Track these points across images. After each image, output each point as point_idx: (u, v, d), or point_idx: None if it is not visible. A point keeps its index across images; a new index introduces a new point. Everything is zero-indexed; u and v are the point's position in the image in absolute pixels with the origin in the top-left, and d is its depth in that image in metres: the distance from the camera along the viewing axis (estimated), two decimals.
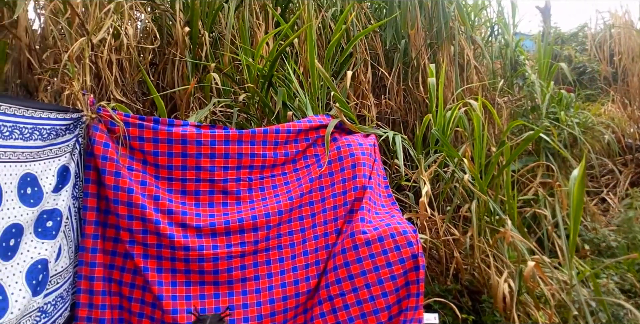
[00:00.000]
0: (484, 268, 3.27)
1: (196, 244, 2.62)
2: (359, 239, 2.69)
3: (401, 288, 2.66)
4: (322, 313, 2.70)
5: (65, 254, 2.48)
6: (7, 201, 2.07)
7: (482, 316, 3.24)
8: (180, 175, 2.71)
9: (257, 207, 2.80)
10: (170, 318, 2.53)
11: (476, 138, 3.34)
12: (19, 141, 2.15)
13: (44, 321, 2.35)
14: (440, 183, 3.76)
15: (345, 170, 2.89)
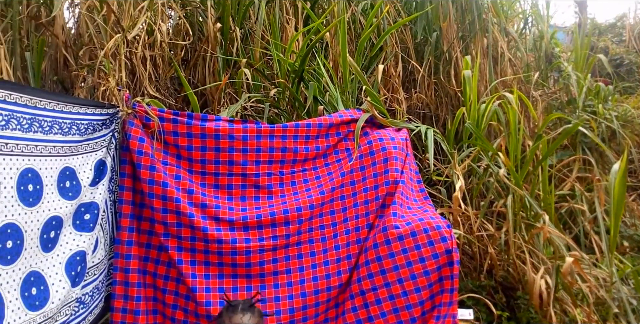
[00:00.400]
0: (519, 264, 3.20)
1: (229, 237, 2.64)
2: (391, 234, 2.67)
3: (434, 283, 2.63)
4: (354, 307, 2.69)
5: (101, 247, 2.53)
6: (47, 194, 2.13)
7: (517, 313, 3.17)
8: (214, 169, 2.74)
9: (288, 201, 2.81)
10: (203, 309, 2.56)
11: (512, 132, 3.26)
12: (58, 135, 2.21)
13: (81, 311, 2.41)
14: (473, 178, 3.70)
15: (377, 164, 2.87)
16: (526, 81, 5.08)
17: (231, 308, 1.97)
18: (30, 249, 2.02)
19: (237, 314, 1.93)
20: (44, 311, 2.05)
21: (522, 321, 3.14)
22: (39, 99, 2.10)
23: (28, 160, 2.02)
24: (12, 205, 1.92)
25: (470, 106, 3.47)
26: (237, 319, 1.91)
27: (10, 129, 1.93)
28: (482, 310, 3.17)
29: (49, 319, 2.09)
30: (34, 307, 2.01)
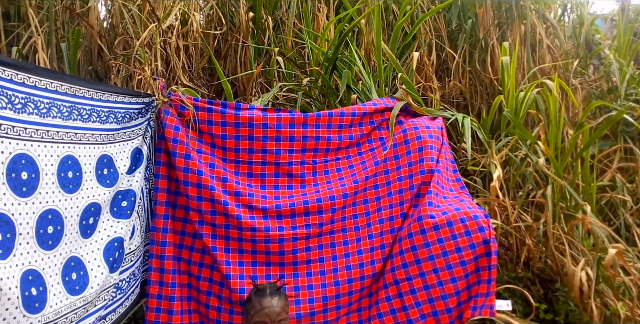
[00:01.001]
0: (558, 256, 3.11)
1: (262, 225, 2.64)
2: (426, 224, 2.62)
3: (471, 273, 2.58)
4: (387, 297, 2.67)
5: (138, 234, 2.57)
6: (86, 181, 2.16)
7: (555, 305, 3.09)
8: (247, 158, 2.74)
9: (321, 190, 2.79)
10: (237, 296, 2.58)
11: (552, 120, 3.16)
12: (96, 123, 2.24)
13: (119, 296, 2.45)
14: (510, 168, 3.60)
15: (412, 153, 2.82)
16: (565, 69, 4.91)
17: (259, 292, 2.04)
18: (70, 234, 2.06)
19: (266, 297, 2.01)
20: (83, 296, 2.09)
21: (560, 313, 3.06)
22: (78, 88, 2.13)
23: (68, 147, 2.06)
24: (52, 191, 1.96)
25: (508, 94, 3.37)
26: (266, 302, 1.99)
27: (52, 117, 1.97)
28: (519, 302, 3.10)
29: (88, 303, 2.13)
30: (74, 291, 2.05)
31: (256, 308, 2.01)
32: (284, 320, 2.01)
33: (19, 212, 1.79)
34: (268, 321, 1.98)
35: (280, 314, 2.00)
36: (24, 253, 1.81)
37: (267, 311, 1.98)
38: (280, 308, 2.01)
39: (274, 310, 1.99)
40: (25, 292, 1.78)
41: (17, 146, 1.79)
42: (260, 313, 1.99)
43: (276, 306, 2.00)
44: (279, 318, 2.00)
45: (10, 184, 1.75)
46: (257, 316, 1.99)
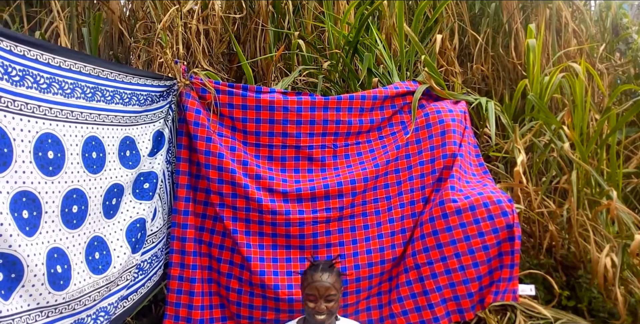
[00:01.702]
0: (582, 242, 3.06)
1: (283, 208, 2.64)
2: (448, 208, 2.59)
3: (494, 258, 2.55)
4: (408, 281, 2.65)
5: (159, 216, 2.59)
6: (109, 162, 2.18)
7: (578, 292, 3.05)
8: (268, 141, 2.73)
9: (342, 174, 2.77)
10: (258, 279, 2.59)
11: (578, 104, 3.09)
12: (119, 105, 2.25)
13: (140, 277, 2.48)
14: (533, 154, 3.54)
15: (434, 137, 2.78)
16: (591, 54, 4.79)
17: (313, 267, 2.15)
18: (93, 214, 2.08)
19: (317, 272, 2.10)
20: (106, 275, 2.12)
21: (583, 300, 3.02)
22: (101, 69, 2.14)
23: (92, 128, 2.07)
24: (77, 171, 1.98)
25: (533, 78, 3.30)
26: (317, 276, 2.08)
27: (76, 98, 1.98)
28: (541, 289, 3.06)
29: (111, 283, 2.16)
30: (97, 270, 2.08)
31: (308, 281, 2.11)
32: (332, 295, 2.08)
33: (45, 191, 1.81)
34: (317, 294, 2.06)
35: (329, 289, 2.07)
36: (49, 231, 1.84)
37: (317, 284, 2.07)
38: (330, 284, 2.08)
39: (323, 284, 2.07)
40: (51, 269, 1.81)
41: (43, 126, 1.81)
42: (310, 286, 2.08)
43: (326, 281, 2.08)
44: (327, 292, 2.07)
45: (37, 163, 1.77)
46: (307, 289, 2.09)
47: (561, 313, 2.99)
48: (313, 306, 2.08)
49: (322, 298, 2.07)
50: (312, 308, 2.08)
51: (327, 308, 2.08)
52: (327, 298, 2.08)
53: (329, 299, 2.08)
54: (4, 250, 1.63)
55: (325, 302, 2.08)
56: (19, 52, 1.72)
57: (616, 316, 2.90)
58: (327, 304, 2.08)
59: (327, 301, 2.08)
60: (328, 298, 2.08)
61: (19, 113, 1.70)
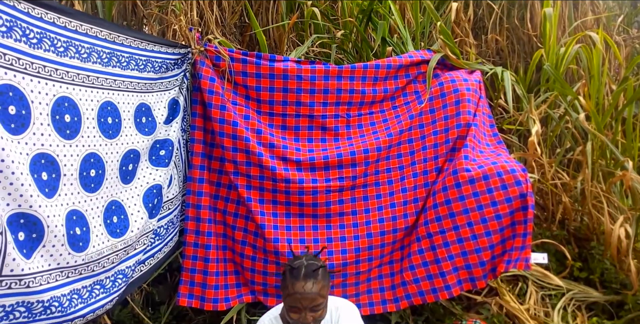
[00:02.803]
0: (595, 214, 3.05)
1: (296, 177, 2.65)
2: (462, 177, 2.59)
3: (506, 227, 2.55)
4: (420, 250, 2.67)
5: (175, 183, 2.62)
6: (125, 128, 2.20)
7: (590, 264, 3.06)
8: (281, 110, 2.73)
9: (355, 143, 2.77)
10: (272, 246, 2.62)
11: (594, 74, 3.04)
12: (135, 71, 2.25)
13: (157, 242, 2.52)
14: (547, 127, 3.51)
15: (448, 107, 2.76)
16: (608, 25, 4.70)
17: (294, 272, 1.82)
18: (110, 179, 2.11)
19: (299, 281, 1.78)
20: (124, 239, 2.16)
21: (595, 272, 3.03)
22: (117, 35, 2.14)
23: (107, 93, 2.08)
24: (94, 136, 2.00)
25: (549, 48, 3.25)
26: (299, 286, 1.77)
27: (92, 62, 1.99)
28: (553, 261, 3.07)
29: (128, 246, 2.20)
30: (115, 234, 2.12)
31: (288, 290, 1.80)
32: (318, 305, 1.80)
33: (63, 154, 1.84)
34: (300, 306, 1.78)
35: (315, 299, 1.77)
36: (68, 194, 1.87)
37: (299, 296, 1.77)
38: (315, 293, 1.77)
39: (307, 296, 1.76)
40: (70, 231, 1.85)
41: (60, 89, 1.82)
42: (292, 297, 1.78)
43: (309, 291, 1.77)
44: (313, 303, 1.78)
45: (55, 126, 1.79)
46: (288, 300, 1.80)
47: (573, 284, 3.00)
48: (297, 317, 1.81)
49: (307, 309, 1.79)
50: (296, 319, 1.81)
51: (314, 318, 1.81)
52: (313, 308, 1.79)
53: (315, 309, 1.80)
54: (25, 210, 1.66)
55: (310, 312, 1.80)
56: (36, 14, 1.72)
57: (628, 286, 2.91)
58: (313, 314, 1.80)
59: (312, 311, 1.80)
60: (314, 308, 1.80)
61: (36, 76, 1.72)
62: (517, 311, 2.70)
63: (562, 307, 2.85)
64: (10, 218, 1.62)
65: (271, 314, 2.03)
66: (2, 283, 1.60)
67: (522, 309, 2.69)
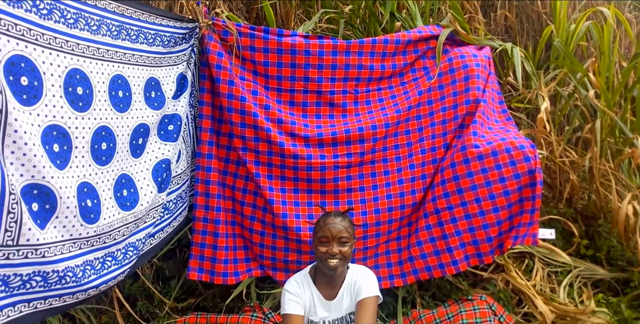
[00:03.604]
0: (603, 192, 3.06)
1: (304, 153, 2.66)
2: (470, 153, 2.59)
3: (514, 203, 2.56)
4: (427, 226, 2.69)
5: (183, 158, 2.63)
6: (135, 102, 2.20)
7: (597, 241, 3.07)
8: (289, 86, 2.72)
9: (363, 119, 2.77)
10: (280, 221, 2.64)
11: (605, 51, 3.01)
12: (144, 45, 2.24)
13: (167, 217, 2.55)
14: (556, 105, 3.49)
15: (457, 82, 2.75)
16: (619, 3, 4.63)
17: (326, 214, 2.13)
18: (121, 152, 2.12)
19: (330, 216, 2.08)
20: (134, 212, 2.18)
21: (602, 249, 3.04)
22: (125, 7, 2.12)
23: (118, 67, 2.08)
24: (105, 109, 2.01)
25: (559, 24, 3.21)
26: (330, 220, 2.05)
27: (102, 35, 1.97)
28: (559, 238, 3.08)
29: (138, 219, 2.22)
30: (126, 207, 2.14)
31: (320, 225, 2.07)
32: (345, 238, 2.02)
33: (75, 126, 1.84)
34: (329, 236, 2.01)
35: (342, 231, 2.02)
36: (79, 166, 1.88)
37: (330, 226, 2.02)
38: (343, 227, 2.03)
39: (336, 227, 2.02)
40: (82, 203, 1.86)
41: (71, 61, 1.82)
42: (323, 229, 2.04)
43: (339, 223, 2.04)
44: (340, 234, 2.02)
45: (68, 98, 1.80)
46: (320, 232, 2.04)
47: (579, 262, 3.02)
48: (325, 250, 2.01)
49: (335, 240, 2.01)
50: (325, 252, 2.01)
51: (341, 252, 2.01)
52: (340, 240, 2.02)
53: (342, 241, 2.02)
54: (38, 181, 1.67)
55: (338, 245, 2.01)
56: None
57: (635, 264, 2.93)
58: (341, 248, 2.01)
59: (340, 244, 2.02)
60: (341, 240, 2.02)
61: (48, 47, 1.71)
62: (524, 286, 2.73)
63: (568, 284, 2.88)
64: (24, 189, 1.64)
65: (300, 273, 2.23)
66: (18, 252, 1.62)
67: (528, 285, 2.72)
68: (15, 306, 1.68)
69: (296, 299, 2.10)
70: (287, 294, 2.12)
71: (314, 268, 2.19)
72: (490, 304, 2.59)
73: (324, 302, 2.14)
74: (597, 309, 2.65)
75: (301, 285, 2.16)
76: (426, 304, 2.79)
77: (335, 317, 2.15)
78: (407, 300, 2.82)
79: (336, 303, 2.13)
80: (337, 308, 2.14)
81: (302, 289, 2.14)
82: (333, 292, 2.14)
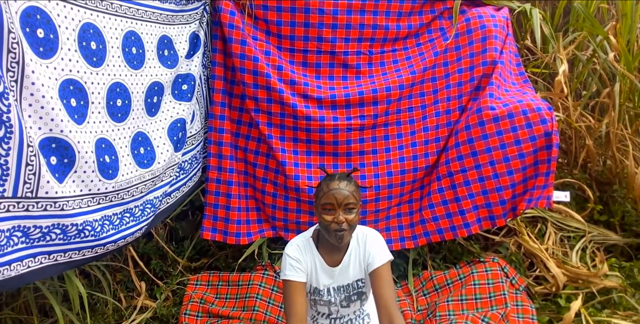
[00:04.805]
0: (619, 157, 3.02)
1: (317, 114, 2.65)
2: (486, 115, 2.56)
3: (529, 166, 2.55)
4: (440, 189, 2.69)
5: (197, 119, 2.63)
6: (149, 60, 2.19)
7: (612, 207, 3.05)
8: (302, 46, 2.69)
9: (377, 81, 2.74)
10: (292, 183, 2.65)
11: (627, 12, 2.92)
12: (156, 1, 2.21)
13: (182, 176, 2.57)
14: (574, 70, 3.42)
15: (474, 43, 2.69)
16: None
17: (329, 177, 1.90)
18: (137, 110, 2.12)
19: (334, 180, 1.85)
20: (151, 170, 2.20)
21: (616, 215, 3.03)
22: None
23: (130, 23, 2.06)
24: (119, 65, 2.00)
25: None
26: (334, 184, 1.83)
27: None
28: (572, 204, 3.07)
29: (155, 177, 2.24)
30: (143, 164, 2.16)
31: (323, 190, 1.84)
32: (352, 204, 1.81)
33: (91, 81, 1.84)
34: (334, 203, 1.80)
35: (348, 197, 1.80)
36: (96, 122, 1.89)
37: (334, 192, 1.80)
38: (349, 192, 1.81)
39: (342, 192, 1.80)
40: (100, 158, 1.88)
41: (84, 15, 1.80)
42: (327, 195, 1.81)
43: (344, 189, 1.81)
44: (347, 201, 1.80)
45: (82, 53, 1.79)
46: (323, 198, 1.82)
47: (592, 227, 3.01)
48: (330, 218, 1.81)
49: (341, 208, 1.80)
50: (330, 221, 1.81)
51: (347, 221, 1.81)
52: (347, 206, 1.81)
53: (349, 208, 1.82)
54: (56, 135, 1.69)
55: (344, 213, 1.81)
56: None
57: None
58: (347, 215, 1.81)
59: (346, 211, 1.81)
60: (348, 207, 1.81)
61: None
62: (536, 250, 2.73)
63: (580, 248, 2.88)
64: (42, 142, 1.65)
65: (302, 236, 2.03)
66: (38, 204, 1.64)
67: (541, 248, 2.72)
68: (36, 257, 1.72)
69: (296, 265, 1.93)
70: (287, 259, 1.94)
71: (317, 232, 2.00)
72: (503, 267, 2.61)
73: (327, 268, 1.96)
74: (610, 273, 2.66)
75: (303, 250, 1.98)
76: (437, 266, 2.81)
77: (341, 284, 1.99)
78: (417, 262, 2.85)
79: (341, 270, 1.96)
80: (342, 275, 1.97)
81: (303, 255, 1.96)
82: (337, 258, 1.97)
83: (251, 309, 2.52)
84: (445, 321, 2.36)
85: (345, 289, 1.99)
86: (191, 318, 2.57)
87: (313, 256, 1.98)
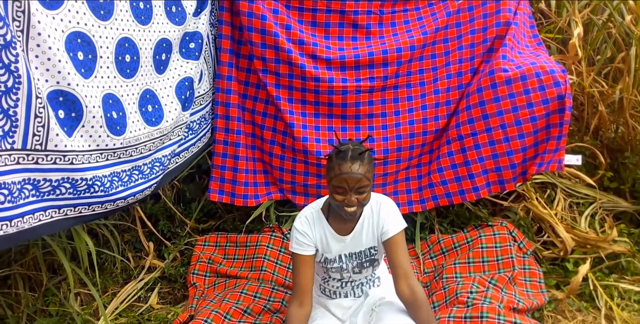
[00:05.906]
0: (632, 123, 2.98)
1: (326, 76, 2.61)
2: (498, 78, 2.51)
3: (540, 130, 2.51)
4: (449, 152, 2.66)
5: (205, 79, 2.60)
6: (156, 15, 2.14)
7: (622, 174, 3.03)
8: (312, 5, 2.62)
9: (387, 42, 2.68)
10: (300, 145, 2.64)
11: None
12: None
13: (191, 136, 2.55)
14: (588, 36, 3.34)
15: (488, 3, 2.62)
16: None
17: (340, 155, 1.79)
18: (145, 67, 2.10)
19: (346, 161, 1.76)
20: (159, 128, 2.18)
21: (627, 181, 3.00)
22: None
23: None
24: (127, 20, 1.96)
25: None
26: (346, 167, 1.75)
27: None
28: (582, 170, 3.04)
29: (164, 136, 2.23)
30: (151, 122, 2.14)
31: (335, 172, 1.78)
32: (364, 187, 1.77)
33: (99, 35, 1.81)
34: (346, 187, 1.76)
35: (360, 180, 1.75)
36: (104, 76, 1.87)
37: (346, 177, 1.74)
38: (361, 175, 1.75)
39: (354, 176, 1.74)
40: (107, 114, 1.87)
41: None
42: (338, 178, 1.76)
43: (356, 172, 1.74)
44: (359, 184, 1.75)
45: (90, 5, 1.75)
46: (334, 181, 1.78)
47: (602, 194, 2.99)
48: (342, 198, 1.79)
49: (353, 191, 1.77)
50: (341, 201, 1.80)
51: (359, 200, 1.79)
52: (359, 190, 1.77)
53: (361, 191, 1.78)
54: (63, 88, 1.67)
55: (356, 194, 1.78)
56: None
57: None
58: (359, 196, 1.78)
59: (358, 193, 1.78)
60: (359, 190, 1.77)
61: None
62: (545, 214, 2.72)
63: (589, 214, 2.87)
64: (50, 95, 1.63)
65: (312, 208, 2.01)
66: (47, 157, 1.64)
67: (550, 213, 2.71)
68: (47, 211, 1.72)
69: (304, 240, 1.93)
70: (295, 232, 1.95)
71: (328, 204, 1.97)
72: (511, 231, 2.61)
73: (338, 237, 1.96)
74: (619, 239, 2.65)
75: (312, 222, 1.97)
76: (444, 230, 2.82)
77: (353, 251, 1.98)
78: (425, 226, 2.85)
79: (352, 238, 1.96)
80: (354, 242, 1.97)
81: (311, 227, 1.96)
82: (348, 227, 1.96)
83: (259, 270, 2.54)
84: (452, 283, 2.37)
85: (358, 256, 1.99)
86: (199, 278, 2.60)
87: (323, 228, 1.96)
